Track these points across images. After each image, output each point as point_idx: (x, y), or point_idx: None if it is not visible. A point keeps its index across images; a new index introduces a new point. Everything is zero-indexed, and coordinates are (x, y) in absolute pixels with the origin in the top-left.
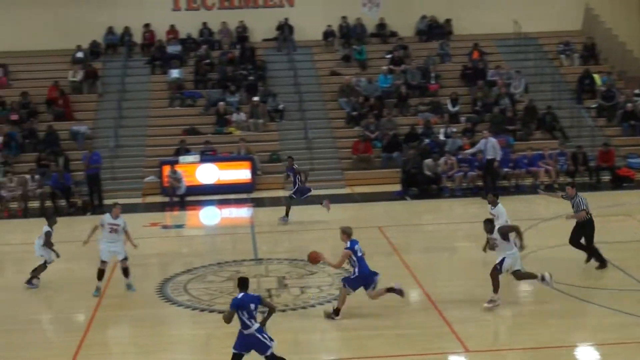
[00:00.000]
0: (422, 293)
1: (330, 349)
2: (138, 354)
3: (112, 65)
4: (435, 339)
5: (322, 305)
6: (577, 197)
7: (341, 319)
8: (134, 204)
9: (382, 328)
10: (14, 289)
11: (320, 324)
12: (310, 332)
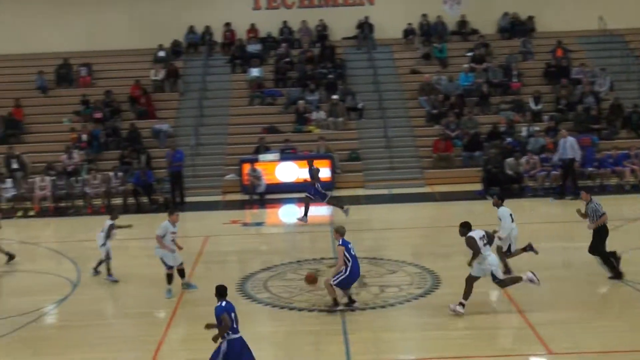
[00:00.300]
0: (503, 294)
1: (410, 349)
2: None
3: (193, 64)
4: (516, 340)
5: (402, 305)
6: (592, 202)
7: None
8: (214, 202)
9: (463, 328)
10: (98, 285)
11: (400, 323)
12: (390, 331)
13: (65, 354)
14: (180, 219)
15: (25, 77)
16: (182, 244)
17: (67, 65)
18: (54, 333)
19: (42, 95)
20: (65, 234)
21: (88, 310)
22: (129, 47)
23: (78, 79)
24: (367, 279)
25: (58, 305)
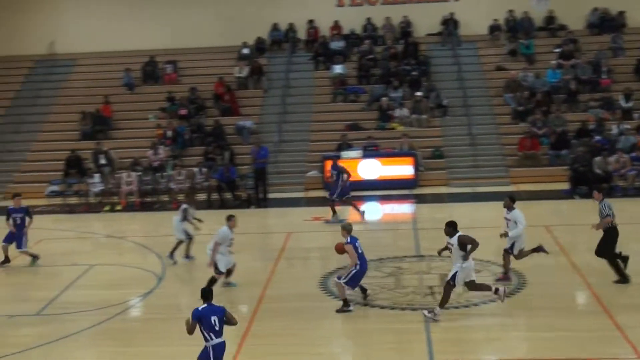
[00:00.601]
0: (591, 295)
1: (494, 349)
2: (300, 346)
3: (277, 61)
4: (605, 343)
5: (486, 305)
6: (602, 202)
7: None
8: (296, 198)
9: (549, 329)
10: (182, 279)
11: (484, 323)
12: (474, 331)
13: (149, 346)
14: (262, 215)
15: (113, 75)
16: (264, 239)
17: (153, 63)
18: (138, 326)
19: (129, 92)
20: (151, 229)
21: (172, 303)
22: (214, 44)
23: (164, 76)
24: None
25: (143, 299)
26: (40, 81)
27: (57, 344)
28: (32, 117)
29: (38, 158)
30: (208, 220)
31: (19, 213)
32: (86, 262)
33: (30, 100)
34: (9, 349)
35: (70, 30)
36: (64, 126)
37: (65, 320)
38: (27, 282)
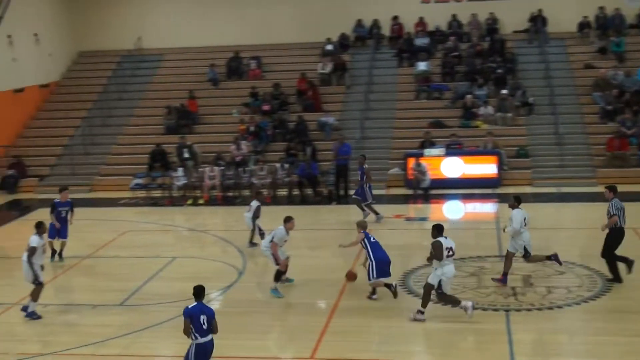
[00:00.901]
0: None
1: (578, 353)
2: (379, 344)
3: (360, 57)
4: None
5: (570, 307)
6: (613, 201)
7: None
8: (378, 196)
9: (635, 335)
10: (262, 273)
11: (568, 325)
12: (557, 333)
13: (228, 339)
14: (343, 212)
15: (198, 70)
16: (344, 236)
17: (237, 59)
18: (218, 318)
19: (213, 88)
20: (232, 223)
21: (252, 298)
22: (298, 40)
23: (248, 72)
24: (534, 279)
25: (224, 292)
26: (127, 76)
27: (139, 335)
28: (119, 111)
29: (123, 151)
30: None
31: (65, 206)
32: (168, 255)
33: (117, 95)
34: (92, 337)
35: (157, 26)
36: (149, 120)
37: (147, 312)
38: (111, 273)
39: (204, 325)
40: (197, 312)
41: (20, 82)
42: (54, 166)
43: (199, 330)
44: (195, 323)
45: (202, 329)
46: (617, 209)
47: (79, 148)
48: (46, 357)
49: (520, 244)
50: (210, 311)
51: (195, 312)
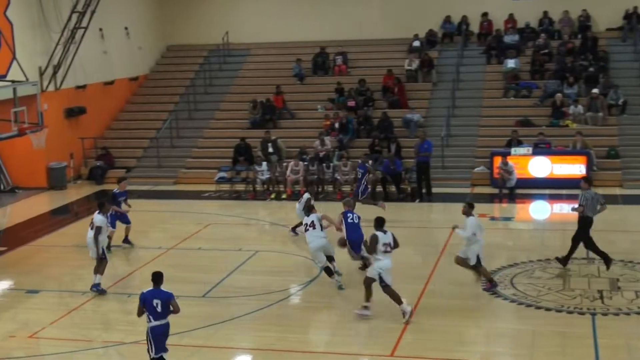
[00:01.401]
0: None
1: None
2: (460, 343)
3: (448, 54)
4: None
5: None
6: (585, 192)
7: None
8: (462, 194)
9: None
10: (343, 268)
11: None
12: None
13: (308, 333)
14: (426, 210)
15: (284, 65)
16: (427, 234)
17: (323, 54)
18: (298, 313)
19: (299, 83)
20: None
21: (333, 293)
22: (384, 36)
23: (333, 68)
24: (621, 282)
25: (305, 287)
26: (214, 70)
27: (220, 327)
28: (205, 105)
29: (209, 145)
30: (370, 213)
31: (122, 196)
32: (251, 248)
33: (204, 89)
34: (174, 328)
35: (245, 21)
36: (235, 114)
37: (229, 304)
38: (194, 265)
39: (157, 309)
40: (150, 297)
41: (110, 74)
42: (141, 158)
43: (152, 314)
44: (148, 307)
45: (156, 312)
46: (587, 199)
47: (165, 141)
48: (129, 346)
49: (472, 252)
50: (165, 295)
51: (149, 296)
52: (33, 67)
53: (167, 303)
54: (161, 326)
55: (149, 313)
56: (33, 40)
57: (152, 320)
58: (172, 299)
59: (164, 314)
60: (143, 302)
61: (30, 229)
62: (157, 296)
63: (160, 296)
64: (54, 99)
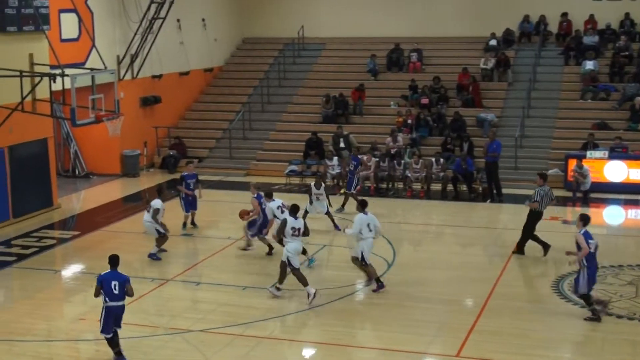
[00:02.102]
0: None
1: None
2: (527, 347)
3: (525, 54)
4: None
5: None
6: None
7: None
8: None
9: None
10: (411, 267)
11: None
12: None
13: (374, 330)
14: (496, 210)
15: (358, 60)
16: (497, 235)
17: (398, 50)
18: (364, 309)
19: (372, 79)
20: (384, 215)
21: (399, 291)
22: (460, 34)
23: (408, 64)
24: None
25: (371, 283)
26: (288, 63)
27: (285, 319)
28: (278, 98)
29: (280, 138)
30: (440, 212)
31: (191, 178)
32: (319, 242)
33: (277, 82)
34: (240, 318)
35: (320, 15)
36: (307, 108)
37: (295, 297)
38: (263, 256)
39: (114, 290)
40: (109, 278)
41: (186, 65)
42: (213, 149)
43: (108, 295)
44: (106, 288)
45: (113, 293)
46: (541, 196)
47: (237, 132)
48: (196, 333)
49: (359, 249)
50: (123, 278)
51: (107, 278)
52: (111, 56)
53: (122, 285)
54: (118, 307)
55: (106, 294)
56: (112, 29)
57: (108, 301)
58: (128, 283)
59: (121, 295)
60: (101, 283)
61: (102, 215)
62: (115, 278)
63: (118, 278)
64: (130, 88)
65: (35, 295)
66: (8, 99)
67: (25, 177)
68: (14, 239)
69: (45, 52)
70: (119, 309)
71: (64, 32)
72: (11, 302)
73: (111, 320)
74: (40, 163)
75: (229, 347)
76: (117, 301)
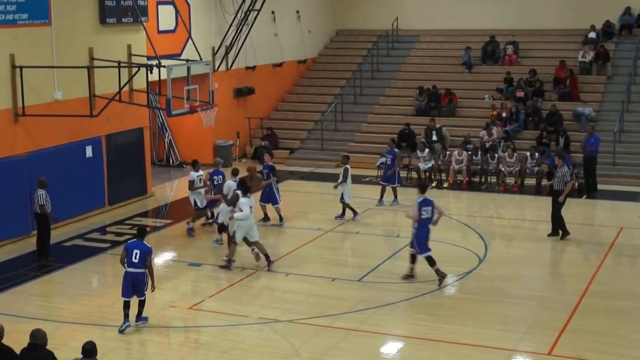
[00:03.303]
0: None
1: None
2: (623, 347)
3: (625, 47)
4: None
5: None
6: (563, 167)
7: None
8: (632, 193)
9: None
10: (503, 263)
11: None
12: None
13: (463, 325)
14: (592, 207)
15: (452, 53)
16: (593, 232)
17: (493, 43)
18: (454, 304)
19: (467, 71)
20: (476, 209)
21: (490, 286)
22: (559, 26)
23: (503, 57)
24: None
25: (462, 278)
26: (381, 55)
27: (374, 312)
28: (370, 90)
29: (372, 130)
30: (534, 207)
31: (266, 169)
32: (409, 235)
33: (370, 74)
34: (329, 309)
35: (415, 7)
36: (400, 100)
37: (384, 289)
38: (352, 248)
39: (134, 258)
40: (132, 247)
41: (280, 57)
42: (305, 140)
43: (129, 261)
44: (128, 255)
45: (132, 261)
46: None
47: (329, 124)
48: (284, 324)
49: (231, 226)
50: (146, 248)
51: (131, 247)
52: (207, 47)
53: (144, 256)
54: (134, 274)
55: (127, 260)
56: (208, 21)
57: (126, 267)
58: (149, 255)
59: (140, 264)
60: (126, 250)
61: None
62: (138, 247)
63: (141, 248)
64: (224, 79)
65: None
66: (106, 89)
67: (121, 165)
68: (108, 225)
69: (142, 43)
70: (135, 276)
71: (161, 23)
72: (105, 287)
73: (128, 285)
74: (135, 152)
75: (316, 338)
76: (135, 268)
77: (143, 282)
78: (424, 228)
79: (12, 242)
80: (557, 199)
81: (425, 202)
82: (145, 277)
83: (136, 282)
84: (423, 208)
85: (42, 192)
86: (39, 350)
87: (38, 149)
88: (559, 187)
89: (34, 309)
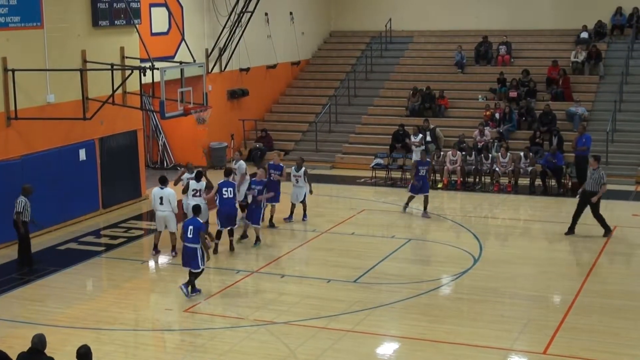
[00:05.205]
0: None
1: None
2: (618, 345)
3: (617, 47)
4: None
5: None
6: (599, 169)
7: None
8: (624, 192)
9: None
10: (498, 262)
11: None
12: None
13: (458, 325)
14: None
15: (445, 53)
16: (586, 231)
17: (486, 43)
18: (450, 304)
19: (459, 72)
20: (470, 209)
21: (485, 286)
22: (551, 27)
23: (496, 57)
24: None
25: (457, 278)
26: (375, 57)
27: (369, 312)
28: (364, 91)
29: (366, 131)
30: (528, 207)
31: (277, 170)
32: (404, 236)
33: (364, 75)
34: (325, 311)
35: (408, 8)
36: (394, 101)
37: (380, 291)
38: (347, 250)
39: (188, 234)
40: (188, 224)
41: (273, 58)
42: (299, 141)
43: (185, 237)
44: (185, 231)
45: (187, 236)
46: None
47: (324, 125)
48: (279, 325)
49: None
50: (198, 224)
51: (187, 223)
52: (200, 49)
53: (197, 230)
54: (189, 248)
55: (184, 236)
56: (201, 23)
57: (183, 242)
58: (202, 230)
59: (194, 238)
60: (184, 227)
61: None
62: (192, 224)
63: (195, 224)
64: (218, 81)
65: (123, 285)
66: (99, 91)
67: (115, 168)
68: (103, 229)
69: (135, 45)
70: (189, 250)
71: (154, 26)
72: (100, 291)
73: (187, 258)
74: (129, 155)
75: (312, 339)
76: (189, 243)
77: (197, 256)
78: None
79: (6, 246)
80: (590, 199)
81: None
82: (199, 251)
83: (189, 255)
84: (224, 189)
85: (22, 199)
86: (38, 355)
87: (31, 152)
88: (594, 189)
89: (28, 313)
